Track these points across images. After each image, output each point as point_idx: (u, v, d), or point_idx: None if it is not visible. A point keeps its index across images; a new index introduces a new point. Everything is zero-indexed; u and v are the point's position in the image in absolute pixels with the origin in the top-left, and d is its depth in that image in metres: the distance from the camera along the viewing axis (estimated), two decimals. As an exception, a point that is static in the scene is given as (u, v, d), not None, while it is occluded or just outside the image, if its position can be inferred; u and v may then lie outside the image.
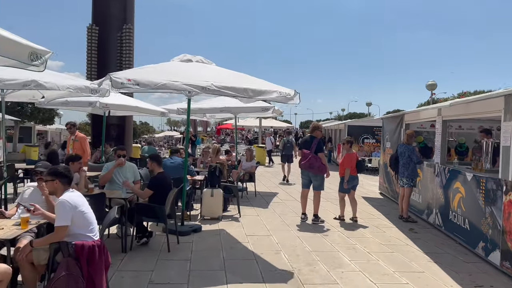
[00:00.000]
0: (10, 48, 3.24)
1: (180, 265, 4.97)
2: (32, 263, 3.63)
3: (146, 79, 5.44)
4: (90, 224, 3.69)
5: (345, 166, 7.63)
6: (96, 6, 14.79)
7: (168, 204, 5.67)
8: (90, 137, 17.81)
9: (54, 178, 3.69)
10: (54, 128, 29.25)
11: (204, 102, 10.81)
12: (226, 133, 43.72)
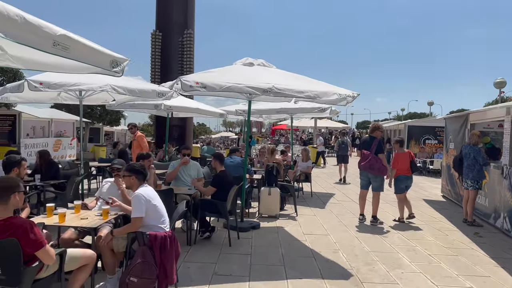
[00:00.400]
0: (95, 57, 3.64)
1: (241, 259, 5.21)
2: (112, 250, 4.04)
3: (212, 82, 5.75)
4: (161, 216, 4.03)
5: (396, 166, 7.51)
6: (160, 13, 15.60)
7: (229, 201, 5.93)
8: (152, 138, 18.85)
9: (131, 174, 4.07)
10: (120, 129, 31.12)
11: (260, 103, 11.04)
12: (280, 133, 43.92)
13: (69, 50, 3.08)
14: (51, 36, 2.88)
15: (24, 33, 2.65)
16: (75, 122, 22.30)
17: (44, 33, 2.81)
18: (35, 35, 2.74)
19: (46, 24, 2.85)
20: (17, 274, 2.96)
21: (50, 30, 2.86)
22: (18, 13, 2.57)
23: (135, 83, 7.72)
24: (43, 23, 2.82)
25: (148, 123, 46.37)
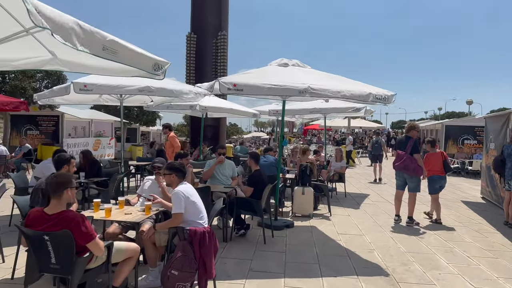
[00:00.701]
0: (139, 60, 3.85)
1: (276, 257, 5.30)
2: (154, 244, 4.23)
3: (249, 84, 5.85)
4: (200, 213, 4.18)
5: (428, 166, 7.41)
6: (195, 16, 15.96)
7: (263, 199, 6.04)
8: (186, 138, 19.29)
9: (172, 172, 4.26)
10: (155, 129, 31.96)
11: (294, 103, 11.07)
12: (312, 133, 43.63)
13: (117, 54, 3.28)
14: (101, 41, 3.08)
15: (78, 38, 2.85)
16: (113, 123, 23.11)
17: (95, 38, 3.02)
18: (87, 40, 2.95)
19: (97, 30, 3.06)
20: (70, 263, 3.18)
21: (100, 36, 3.07)
22: (72, 19, 2.78)
23: (172, 84, 7.97)
24: (93, 29, 3.03)
25: (183, 124, 47.32)
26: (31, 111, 14.88)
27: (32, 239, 3.23)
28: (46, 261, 3.24)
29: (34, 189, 4.39)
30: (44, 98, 7.89)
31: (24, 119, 17.08)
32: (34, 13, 2.35)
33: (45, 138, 17.30)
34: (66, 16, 2.75)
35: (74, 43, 2.81)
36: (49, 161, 6.77)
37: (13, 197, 4.75)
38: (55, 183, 3.25)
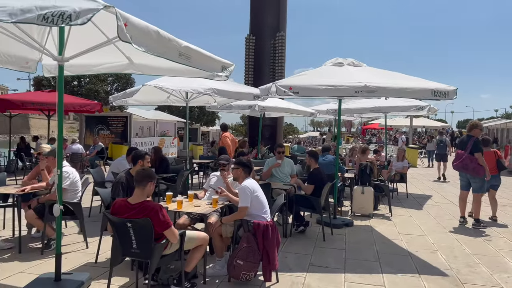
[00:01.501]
0: (209, 63, 4.17)
1: (335, 253, 5.40)
2: (220, 235, 4.53)
3: (304, 86, 5.96)
4: (263, 207, 4.42)
5: None
6: (253, 17, 16.29)
7: (323, 197, 6.14)
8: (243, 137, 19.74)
9: (239, 167, 4.54)
10: (215, 129, 33.01)
11: (353, 102, 10.99)
12: (372, 133, 42.57)
13: (190, 59, 3.60)
14: (177, 47, 3.41)
15: (158, 46, 3.20)
16: (176, 123, 24.22)
17: (172, 45, 3.36)
18: (166, 48, 3.29)
19: (173, 38, 3.39)
20: (149, 249, 3.54)
21: (176, 43, 3.40)
22: (154, 29, 3.13)
23: (234, 86, 8.32)
24: (171, 37, 3.36)
25: (240, 124, 48.36)
26: (103, 112, 16.12)
27: (117, 226, 3.64)
28: (128, 246, 3.63)
29: (115, 183, 4.88)
30: (118, 99, 8.57)
31: (97, 119, 18.49)
32: (123, 30, 2.69)
33: (115, 137, 18.61)
34: (150, 26, 3.09)
35: (155, 51, 3.14)
36: (123, 158, 7.41)
37: (97, 189, 5.30)
38: (142, 175, 3.64)
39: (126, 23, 2.75)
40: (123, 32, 2.71)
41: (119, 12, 2.69)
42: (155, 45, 3.11)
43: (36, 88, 15.89)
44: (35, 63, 5.21)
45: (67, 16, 2.46)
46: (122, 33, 2.71)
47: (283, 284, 4.29)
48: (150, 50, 3.07)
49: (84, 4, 2.58)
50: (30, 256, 4.97)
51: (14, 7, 2.44)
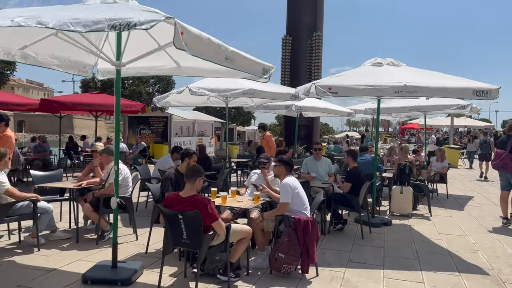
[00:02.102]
0: (252, 66, 4.41)
1: (374, 251, 5.49)
2: (262, 230, 4.74)
3: (343, 86, 6.06)
4: (304, 204, 4.60)
5: None
6: (290, 18, 16.47)
7: (361, 196, 6.23)
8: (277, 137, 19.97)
9: (281, 164, 4.74)
10: (250, 129, 33.45)
11: (391, 101, 10.92)
12: (410, 133, 41.56)
13: (235, 63, 3.85)
14: (224, 52, 3.67)
15: (208, 51, 3.47)
16: (213, 123, 24.75)
17: (220, 50, 3.62)
18: (215, 52, 3.55)
19: (221, 43, 3.65)
20: (199, 239, 3.81)
21: (224, 48, 3.66)
22: (205, 36, 3.39)
23: (272, 87, 8.52)
24: (220, 42, 3.62)
25: (275, 123, 48.67)
26: (145, 113, 16.81)
27: (169, 217, 3.93)
28: (179, 236, 3.92)
29: (164, 178, 5.22)
30: (162, 99, 8.99)
31: (139, 120, 19.25)
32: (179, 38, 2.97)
33: (155, 137, 19.31)
34: (202, 34, 3.35)
35: (205, 56, 3.40)
36: (168, 156, 7.81)
37: (148, 185, 5.67)
38: (192, 171, 3.93)
39: (182, 31, 3.02)
40: (179, 41, 2.98)
41: (178, 22, 2.97)
42: (206, 51, 3.38)
43: (83, 90, 16.81)
44: (91, 68, 5.65)
45: (132, 25, 2.75)
46: (178, 42, 2.98)
47: (323, 278, 4.45)
48: (201, 55, 3.33)
49: (147, 16, 2.87)
50: (87, 246, 5.39)
51: (87, 19, 2.76)
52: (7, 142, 6.22)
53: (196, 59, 4.95)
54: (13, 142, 6.44)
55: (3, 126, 6.32)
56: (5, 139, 6.23)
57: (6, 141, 6.21)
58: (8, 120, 6.39)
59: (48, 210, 5.38)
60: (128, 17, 2.80)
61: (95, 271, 4.23)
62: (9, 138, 6.32)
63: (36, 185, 6.09)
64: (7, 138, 6.28)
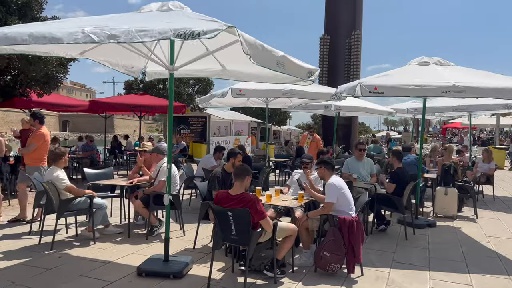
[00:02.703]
0: (298, 70, 4.51)
1: (419, 252, 5.44)
2: (307, 229, 4.83)
3: (390, 86, 6.00)
4: (349, 204, 4.65)
5: None
6: (328, 17, 16.39)
7: (405, 197, 6.18)
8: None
9: (321, 165, 4.81)
10: (285, 129, 33.47)
11: (434, 101, 10.65)
12: (452, 132, 40.13)
13: (285, 67, 3.97)
14: (276, 57, 3.80)
15: (263, 58, 3.61)
16: (250, 123, 25.02)
17: (273, 56, 3.75)
18: (268, 58, 3.69)
19: (272, 48, 3.78)
20: (247, 236, 3.96)
21: (276, 53, 3.79)
22: (259, 43, 3.53)
23: (312, 87, 8.55)
24: (272, 48, 3.75)
25: (310, 123, 48.43)
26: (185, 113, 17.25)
27: (219, 214, 4.10)
28: (228, 233, 4.08)
29: (211, 177, 5.42)
30: (204, 101, 9.26)
31: (178, 120, 19.78)
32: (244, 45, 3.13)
33: (195, 136, 19.78)
34: (257, 41, 3.50)
35: (260, 62, 3.55)
36: (210, 155, 8.06)
37: (196, 183, 5.91)
38: (241, 170, 4.08)
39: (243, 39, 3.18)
40: (245, 48, 3.14)
41: (239, 32, 3.13)
42: (260, 56, 3.52)
43: (127, 92, 17.48)
44: (139, 70, 5.94)
45: (196, 34, 2.93)
46: (245, 48, 3.14)
47: (368, 278, 4.48)
48: (256, 61, 3.47)
49: (211, 25, 3.04)
50: (138, 240, 5.68)
51: (153, 30, 2.96)
52: (41, 139, 6.45)
53: (241, 64, 5.14)
54: (47, 140, 6.61)
55: (37, 124, 6.55)
56: (39, 136, 6.46)
57: (39, 138, 6.45)
58: (42, 118, 6.60)
59: (102, 206, 5.71)
60: (191, 26, 2.97)
61: (149, 264, 4.47)
62: (42, 135, 6.50)
63: (90, 182, 6.47)
64: (40, 136, 6.48)
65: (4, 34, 3.27)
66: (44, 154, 6.51)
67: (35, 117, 6.58)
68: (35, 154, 6.47)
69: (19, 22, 7.82)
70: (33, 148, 6.41)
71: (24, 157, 6.70)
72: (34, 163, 6.47)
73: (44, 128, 6.65)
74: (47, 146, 6.63)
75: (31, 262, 4.72)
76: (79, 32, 3.00)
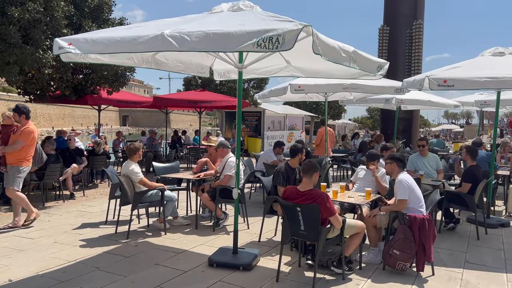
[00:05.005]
0: (368, 64, 4.45)
1: (493, 253, 5.19)
2: (375, 226, 4.78)
3: (461, 79, 5.74)
4: (420, 201, 4.53)
5: None
6: (388, 7, 15.83)
7: (477, 195, 5.89)
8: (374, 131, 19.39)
9: (393, 161, 4.72)
10: (340, 123, 32.91)
11: (507, 93, 9.96)
12: (522, 126, 37.22)
13: (357, 62, 3.94)
14: (349, 54, 3.80)
15: (338, 55, 3.63)
16: (303, 117, 24.87)
17: (346, 53, 3.75)
18: (342, 56, 3.69)
19: (345, 45, 3.78)
20: (316, 231, 4.00)
21: (348, 49, 3.78)
22: (332, 41, 3.55)
23: (372, 80, 8.34)
24: (343, 45, 3.75)
25: (366, 116, 47.18)
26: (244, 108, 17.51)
27: (287, 209, 4.17)
28: (296, 228, 4.14)
29: (276, 172, 5.51)
30: (263, 97, 9.36)
31: (234, 115, 20.09)
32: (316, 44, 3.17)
33: (249, 131, 20.04)
34: (330, 40, 3.53)
35: (335, 59, 3.57)
36: (270, 150, 8.17)
37: (260, 178, 6.03)
38: (309, 166, 4.13)
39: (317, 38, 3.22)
40: (316, 47, 3.18)
41: (314, 31, 3.17)
42: (334, 54, 3.54)
43: (186, 88, 18.07)
44: (207, 68, 6.14)
45: (275, 41, 3.00)
46: (316, 48, 3.18)
47: (440, 278, 4.36)
48: (331, 59, 3.49)
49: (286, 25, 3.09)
50: (205, 232, 5.92)
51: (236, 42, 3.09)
52: (29, 136, 5.92)
53: (307, 60, 5.15)
54: (35, 137, 6.07)
55: (23, 119, 5.94)
56: (27, 133, 5.91)
57: (27, 135, 5.91)
58: (28, 112, 5.98)
59: (172, 198, 6.01)
60: (268, 28, 3.03)
61: (219, 256, 4.66)
62: (30, 132, 5.94)
63: (158, 175, 6.81)
64: (28, 133, 5.93)
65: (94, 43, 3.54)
66: (30, 153, 6.04)
67: (20, 112, 5.93)
68: (20, 153, 5.91)
69: (92, 25, 8.36)
70: (19, 146, 5.84)
71: (6, 156, 5.96)
72: (18, 163, 5.90)
73: (32, 124, 6.07)
74: (35, 144, 6.21)
75: (110, 250, 5.09)
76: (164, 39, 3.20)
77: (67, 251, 5.02)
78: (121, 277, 4.25)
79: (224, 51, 3.12)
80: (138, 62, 5.02)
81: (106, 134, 31.77)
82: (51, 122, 60.94)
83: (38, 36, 6.98)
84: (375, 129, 33.76)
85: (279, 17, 3.46)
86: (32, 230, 5.95)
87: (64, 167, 8.13)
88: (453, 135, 45.60)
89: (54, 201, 7.97)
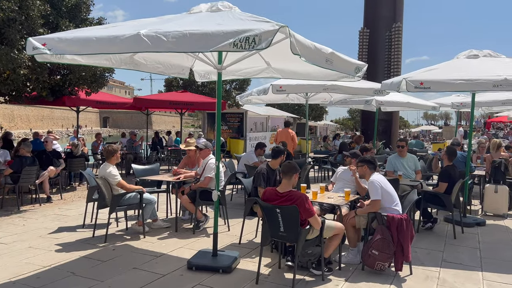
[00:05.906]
0: (346, 66, 4.47)
1: (469, 251, 5.29)
2: (353, 226, 4.81)
3: (437, 81, 5.82)
4: (394, 200, 4.59)
5: None
6: (368, 9, 16.04)
7: (453, 194, 6.00)
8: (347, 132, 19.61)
9: (363, 164, 4.77)
10: (322, 124, 33.16)
11: (483, 94, 10.22)
12: (498, 127, 38.30)
13: (333, 63, 3.96)
14: (325, 55, 3.80)
15: (313, 55, 3.62)
16: (286, 118, 24.93)
17: (322, 53, 3.76)
18: (318, 56, 3.69)
19: (322, 47, 3.78)
20: (296, 232, 3.99)
21: (325, 51, 3.79)
22: (309, 42, 3.55)
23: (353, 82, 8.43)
24: (321, 46, 3.76)
25: (347, 118, 47.71)
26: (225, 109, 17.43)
27: (267, 211, 4.16)
28: (276, 229, 4.13)
29: (256, 173, 5.48)
30: (244, 98, 9.35)
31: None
32: (294, 45, 3.17)
33: (232, 132, 19.98)
34: (307, 41, 3.52)
35: (310, 60, 3.57)
36: (251, 152, 8.14)
37: (241, 179, 6.01)
38: (289, 167, 4.12)
39: (295, 41, 3.22)
40: (294, 47, 3.17)
41: (290, 32, 3.16)
42: (309, 55, 3.53)
43: (167, 89, 17.91)
44: (187, 70, 6.09)
45: (252, 41, 2.98)
46: (294, 48, 3.17)
47: (417, 277, 4.41)
48: (307, 60, 3.49)
49: (263, 26, 3.08)
50: (185, 235, 5.85)
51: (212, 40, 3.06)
52: None
53: (286, 61, 5.16)
54: None
55: None
56: None
57: None
58: None
59: (151, 201, 5.92)
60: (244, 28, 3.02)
61: (198, 259, 4.61)
62: None
63: (138, 178, 6.71)
64: None
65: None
66: None
67: None
68: None
69: (70, 24, 8.20)
70: None
71: None
72: None
73: None
74: None
75: (87, 254, 4.98)
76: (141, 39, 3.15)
77: (42, 256, 4.89)
78: (97, 282, 4.16)
79: (200, 51, 3.09)
80: (116, 63, 4.94)
81: (86, 136, 31.21)
82: (29, 123, 59.52)
83: (13, 35, 6.81)
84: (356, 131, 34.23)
85: (257, 17, 3.45)
86: (6, 234, 5.78)
87: (40, 169, 7.95)
88: (432, 136, 46.50)
89: (30, 205, 7.77)
